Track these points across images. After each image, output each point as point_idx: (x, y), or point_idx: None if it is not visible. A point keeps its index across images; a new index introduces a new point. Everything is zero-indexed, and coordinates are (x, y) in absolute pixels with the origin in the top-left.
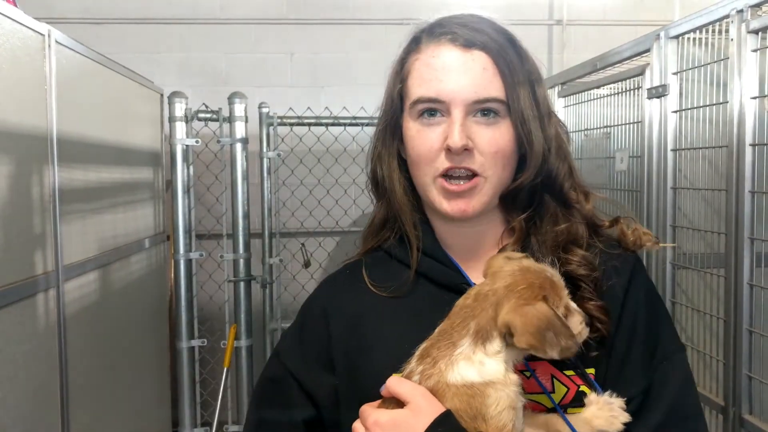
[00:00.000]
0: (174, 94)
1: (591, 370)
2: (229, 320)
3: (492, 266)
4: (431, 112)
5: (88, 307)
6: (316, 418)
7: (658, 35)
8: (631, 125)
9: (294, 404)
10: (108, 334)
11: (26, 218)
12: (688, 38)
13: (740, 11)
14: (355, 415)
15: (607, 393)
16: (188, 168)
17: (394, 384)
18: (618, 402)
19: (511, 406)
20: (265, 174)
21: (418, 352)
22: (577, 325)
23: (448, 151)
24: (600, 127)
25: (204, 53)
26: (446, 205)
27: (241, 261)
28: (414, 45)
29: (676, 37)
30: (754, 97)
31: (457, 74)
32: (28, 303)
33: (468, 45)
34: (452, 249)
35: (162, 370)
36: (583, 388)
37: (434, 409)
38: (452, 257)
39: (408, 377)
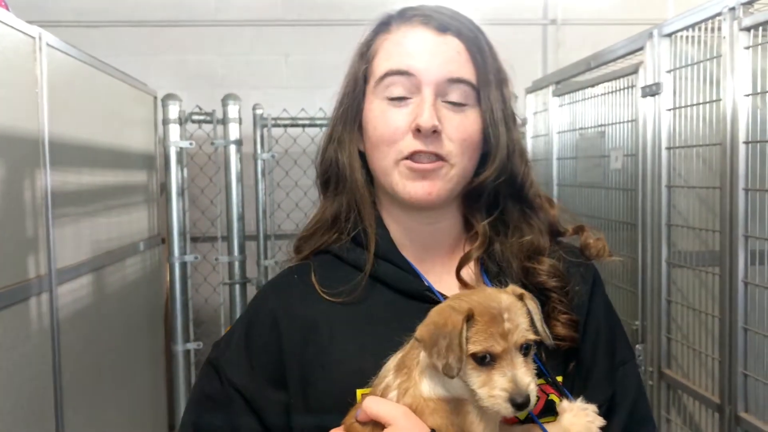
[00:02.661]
0: (168, 97)
1: (559, 378)
2: (224, 323)
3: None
4: (400, 98)
5: (82, 311)
6: None
7: (651, 33)
8: (626, 124)
9: (240, 424)
10: (103, 338)
11: (18, 222)
12: (681, 36)
13: (732, 9)
14: None
15: (580, 399)
16: (182, 170)
17: (373, 405)
18: (592, 407)
19: (493, 420)
20: (260, 176)
21: (394, 364)
22: (486, 383)
23: (417, 131)
24: (594, 126)
25: (199, 55)
26: (410, 187)
27: (237, 263)
28: (384, 27)
29: (669, 35)
30: (747, 95)
31: (430, 54)
32: (21, 307)
33: (442, 29)
34: (408, 249)
35: (158, 373)
36: (552, 396)
37: (419, 430)
38: (409, 260)
39: (385, 393)
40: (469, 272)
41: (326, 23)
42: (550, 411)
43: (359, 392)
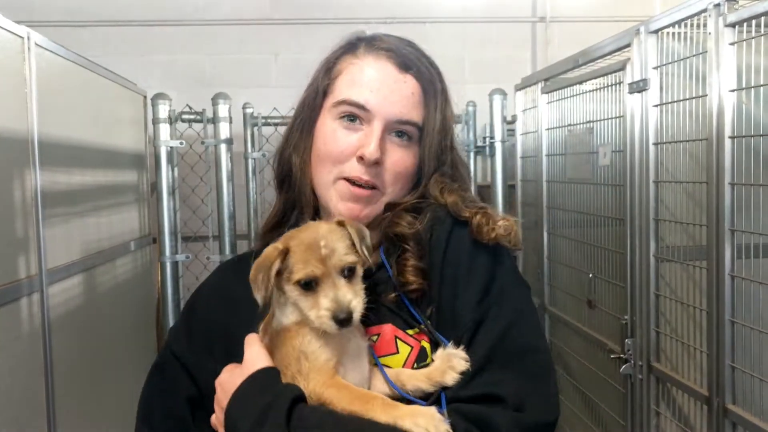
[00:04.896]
0: (157, 96)
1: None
2: None
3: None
4: (351, 118)
5: (73, 311)
6: (200, 396)
7: (638, 30)
8: (614, 120)
9: (177, 384)
10: (94, 338)
11: (8, 222)
12: (668, 33)
13: (717, 5)
14: None
15: (450, 344)
16: (173, 170)
17: (247, 341)
18: (460, 353)
19: (330, 342)
20: (250, 174)
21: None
22: (313, 306)
23: (360, 159)
24: (583, 123)
25: (188, 55)
26: (342, 206)
27: None
28: (351, 49)
29: (656, 31)
30: (733, 90)
31: (388, 90)
32: (12, 308)
33: (404, 67)
34: None
35: None
36: (424, 343)
37: (255, 366)
38: None
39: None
40: None
41: (315, 22)
42: (426, 359)
43: None
